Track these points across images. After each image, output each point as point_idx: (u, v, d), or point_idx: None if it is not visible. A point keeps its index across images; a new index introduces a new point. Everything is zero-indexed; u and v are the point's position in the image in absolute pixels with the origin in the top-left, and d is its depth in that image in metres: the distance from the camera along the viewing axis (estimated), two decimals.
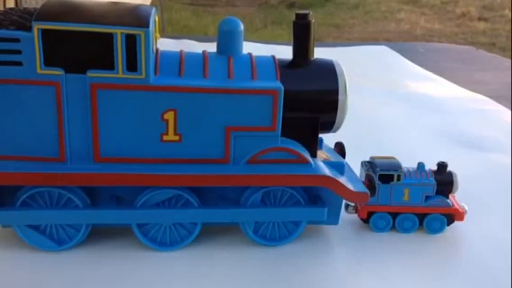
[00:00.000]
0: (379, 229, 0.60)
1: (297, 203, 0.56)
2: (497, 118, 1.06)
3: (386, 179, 0.59)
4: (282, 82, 0.53)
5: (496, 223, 0.64)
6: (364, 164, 0.62)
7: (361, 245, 0.58)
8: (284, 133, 0.54)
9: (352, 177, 0.57)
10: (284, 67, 0.55)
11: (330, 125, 0.56)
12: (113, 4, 0.51)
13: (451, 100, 1.16)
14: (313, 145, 0.55)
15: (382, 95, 1.17)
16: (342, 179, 0.55)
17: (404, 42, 2.75)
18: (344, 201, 0.59)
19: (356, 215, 0.61)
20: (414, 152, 0.74)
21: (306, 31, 0.55)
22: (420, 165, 0.61)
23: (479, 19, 4.68)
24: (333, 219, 0.57)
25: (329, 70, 0.55)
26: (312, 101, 0.55)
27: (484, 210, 0.66)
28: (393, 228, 0.60)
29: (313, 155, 0.55)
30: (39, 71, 0.48)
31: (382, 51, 1.66)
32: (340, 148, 0.63)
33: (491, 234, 0.61)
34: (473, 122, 1.01)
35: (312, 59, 0.56)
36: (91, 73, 0.48)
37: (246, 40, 0.56)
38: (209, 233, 0.57)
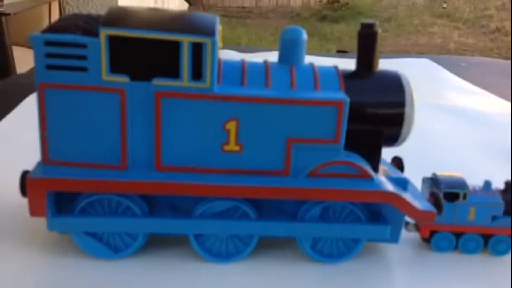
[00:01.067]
0: (441, 249, 0.58)
1: (357, 219, 0.54)
2: None
3: (452, 197, 0.56)
4: (346, 93, 0.51)
5: None
6: (426, 180, 0.59)
7: (422, 265, 0.56)
8: (346, 146, 0.52)
9: (415, 193, 0.55)
10: (348, 78, 0.53)
11: (394, 139, 0.54)
12: (178, 12, 0.51)
13: (498, 115, 1.13)
14: (376, 159, 0.54)
15: (428, 108, 1.14)
16: (407, 196, 0.53)
17: (438, 55, 2.71)
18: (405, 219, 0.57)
19: (416, 234, 0.59)
20: (466, 167, 0.71)
21: (371, 41, 0.53)
22: (487, 184, 0.58)
23: None
24: (394, 237, 0.55)
25: (395, 82, 0.54)
26: (377, 114, 0.53)
27: None
28: (456, 249, 0.58)
29: (376, 169, 0.54)
30: (104, 77, 0.48)
31: (425, 64, 1.63)
32: (398, 163, 0.61)
33: None
34: None
35: (376, 70, 0.54)
36: (156, 81, 0.48)
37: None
38: (265, 246, 0.55)
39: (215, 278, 0.52)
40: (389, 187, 0.53)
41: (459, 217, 0.57)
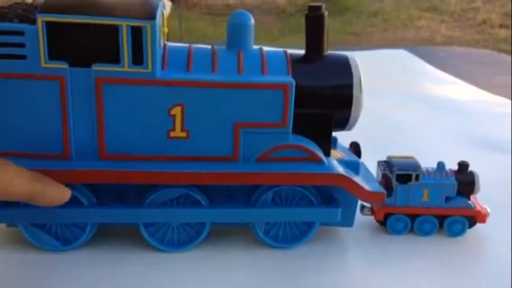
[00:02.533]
0: (396, 232, 0.58)
1: (309, 203, 0.53)
2: None
3: (404, 179, 0.56)
4: (294, 77, 0.51)
5: None
6: (380, 164, 0.59)
7: (377, 248, 0.56)
8: (296, 131, 0.52)
9: (368, 176, 0.55)
10: (296, 61, 0.53)
11: (344, 122, 0.54)
12: None
13: (472, 103, 1.13)
14: (327, 143, 0.53)
15: (401, 98, 1.15)
16: (357, 178, 0.53)
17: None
18: (360, 203, 0.56)
19: (372, 217, 0.59)
20: (434, 153, 0.71)
21: (319, 24, 0.53)
22: (440, 165, 0.58)
23: (501, 26, 4.61)
24: (348, 221, 0.55)
25: (343, 65, 0.53)
26: (325, 97, 0.53)
27: (507, 212, 0.63)
28: (411, 231, 0.58)
29: (327, 153, 0.53)
30: (43, 65, 0.47)
31: (401, 55, 1.63)
32: (355, 148, 0.61)
33: None
34: (495, 125, 0.98)
35: (325, 54, 0.54)
36: (96, 67, 0.47)
37: (259, 45, 0.54)
38: (218, 234, 0.55)
39: (166, 267, 0.51)
40: (340, 170, 0.52)
41: (413, 199, 0.57)
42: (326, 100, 0.53)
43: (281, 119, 0.50)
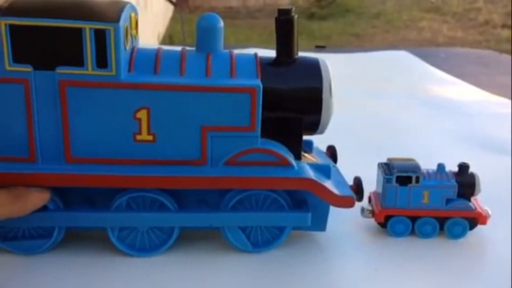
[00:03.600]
0: (397, 234, 0.57)
1: (280, 208, 0.53)
2: None
3: (404, 181, 0.56)
4: (263, 80, 0.50)
5: None
6: (381, 166, 0.59)
7: (378, 251, 0.55)
8: (267, 134, 0.51)
9: (339, 180, 0.54)
10: (266, 65, 0.52)
11: (315, 126, 0.53)
12: (85, 0, 0.50)
13: (473, 104, 1.13)
14: (297, 147, 0.53)
15: (402, 99, 1.14)
16: (327, 183, 0.52)
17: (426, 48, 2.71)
18: (360, 205, 0.56)
19: (372, 220, 0.58)
20: (435, 154, 0.71)
21: (288, 27, 0.52)
22: (440, 166, 0.58)
23: (503, 26, 4.59)
24: (320, 225, 0.54)
25: (313, 68, 0.53)
26: (295, 100, 0.52)
27: (507, 213, 0.62)
28: (412, 233, 0.57)
29: (297, 157, 0.52)
30: (7, 68, 0.47)
31: (402, 56, 1.63)
32: (331, 152, 0.60)
33: None
34: (496, 125, 0.97)
35: (296, 57, 0.53)
36: (60, 70, 0.47)
37: (266, 48, 0.54)
38: (189, 238, 0.54)
39: (134, 272, 0.50)
40: (309, 174, 0.51)
41: (413, 201, 0.56)
42: (296, 104, 0.52)
43: (249, 122, 0.50)
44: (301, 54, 0.54)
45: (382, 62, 1.49)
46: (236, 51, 0.54)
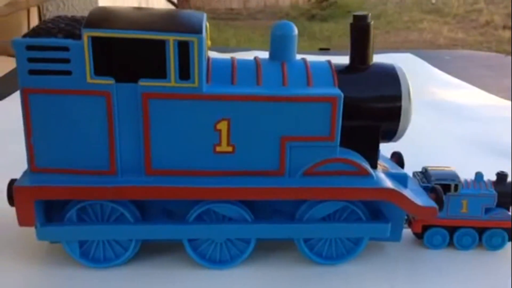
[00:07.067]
0: (434, 245, 0.56)
1: (357, 218, 0.52)
2: None
3: (443, 189, 0.55)
4: (340, 88, 0.50)
5: None
6: (416, 174, 0.58)
7: (414, 263, 0.54)
8: (342, 143, 0.51)
9: (415, 189, 0.54)
10: (341, 72, 0.52)
11: (392, 134, 0.53)
12: (163, 10, 0.49)
13: (481, 108, 1.11)
14: (374, 156, 0.52)
15: None
16: (407, 192, 0.52)
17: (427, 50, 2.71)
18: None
19: (409, 230, 0.57)
20: (452, 161, 0.70)
21: (365, 33, 0.52)
22: (478, 175, 0.57)
23: (504, 27, 4.61)
24: (395, 235, 0.54)
25: (390, 75, 0.52)
26: (373, 108, 0.52)
27: None
28: (450, 244, 0.56)
29: (374, 166, 0.52)
30: (89, 80, 0.46)
31: (407, 58, 1.62)
32: (398, 158, 0.60)
33: None
34: (506, 130, 0.95)
35: (370, 63, 0.53)
36: (143, 82, 0.46)
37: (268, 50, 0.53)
38: (263, 250, 0.54)
39: (211, 285, 0.50)
40: (389, 183, 0.51)
41: (452, 210, 0.55)
42: (374, 112, 0.52)
43: (329, 132, 0.49)
44: (305, 56, 0.53)
45: None
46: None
